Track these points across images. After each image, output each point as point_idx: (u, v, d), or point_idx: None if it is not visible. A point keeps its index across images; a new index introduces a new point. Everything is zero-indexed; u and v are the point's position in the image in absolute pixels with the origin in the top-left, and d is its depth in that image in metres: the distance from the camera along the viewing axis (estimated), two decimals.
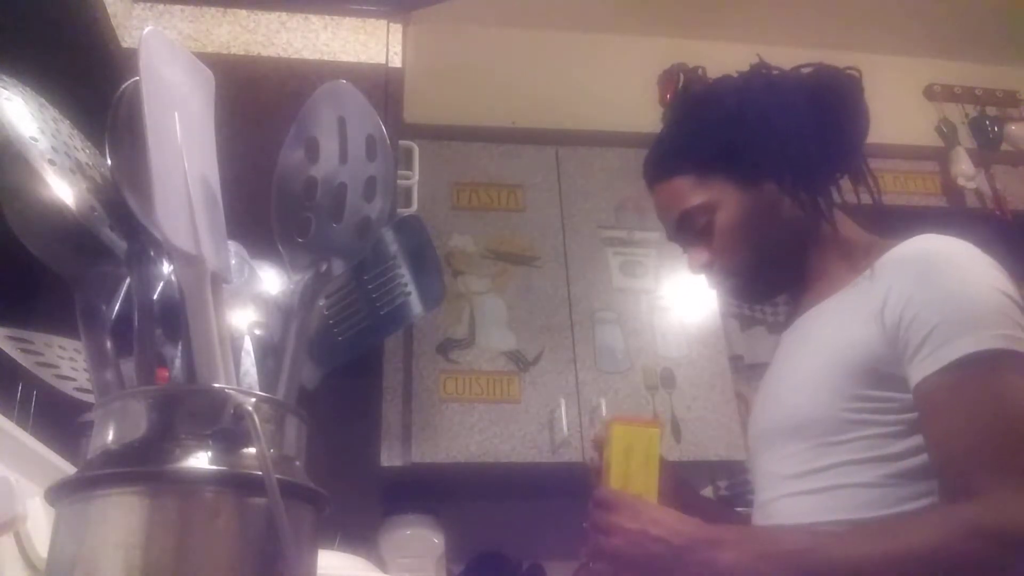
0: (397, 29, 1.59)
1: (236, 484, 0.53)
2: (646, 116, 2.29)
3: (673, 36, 2.76)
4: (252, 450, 0.54)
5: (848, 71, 1.04)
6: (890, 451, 0.88)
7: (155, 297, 0.64)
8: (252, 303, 0.71)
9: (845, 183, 1.04)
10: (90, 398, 0.79)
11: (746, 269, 1.05)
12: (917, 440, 0.87)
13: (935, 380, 0.84)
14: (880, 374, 0.89)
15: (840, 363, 0.92)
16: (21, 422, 1.03)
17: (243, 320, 0.69)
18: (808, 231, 1.04)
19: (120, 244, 0.63)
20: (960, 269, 0.89)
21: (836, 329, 0.96)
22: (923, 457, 0.87)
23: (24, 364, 0.82)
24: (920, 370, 0.85)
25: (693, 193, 1.05)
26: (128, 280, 0.64)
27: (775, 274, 1.06)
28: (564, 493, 1.53)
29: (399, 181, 1.89)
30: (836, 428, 0.91)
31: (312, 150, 0.68)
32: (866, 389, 0.90)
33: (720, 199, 1.04)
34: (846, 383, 0.91)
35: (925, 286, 0.87)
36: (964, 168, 2.72)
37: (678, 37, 2.74)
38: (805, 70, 1.05)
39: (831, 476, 0.91)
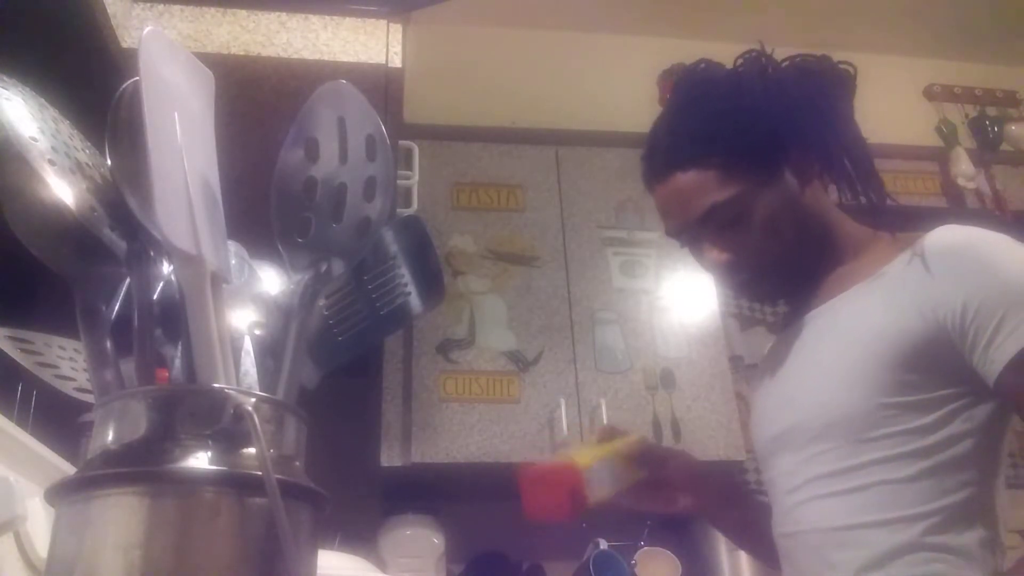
0: (397, 29, 1.59)
1: (236, 484, 0.53)
2: (646, 116, 2.27)
3: (673, 36, 2.75)
4: (252, 450, 0.54)
5: (843, 64, 1.03)
6: (925, 444, 0.87)
7: (155, 297, 0.64)
8: (252, 303, 0.71)
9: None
10: (90, 398, 0.79)
11: (779, 264, 1.00)
12: (952, 431, 0.87)
13: (1020, 360, 0.82)
14: (917, 368, 0.88)
15: (875, 355, 0.90)
16: (21, 422, 1.03)
17: (243, 320, 0.69)
18: (824, 226, 1.02)
19: (120, 244, 0.63)
20: (1007, 254, 0.88)
21: (865, 322, 0.93)
22: (959, 447, 0.87)
23: (24, 364, 0.82)
24: (1000, 355, 0.83)
25: (723, 185, 0.98)
26: (128, 280, 0.64)
27: (799, 270, 1.02)
28: None
29: (399, 181, 1.89)
30: (871, 424, 0.90)
31: (312, 150, 0.68)
32: (903, 377, 0.88)
33: (752, 191, 0.98)
34: (883, 375, 0.89)
35: (981, 275, 0.86)
36: (964, 168, 2.72)
37: (678, 37, 2.74)
38: (806, 59, 1.02)
39: (866, 474, 0.90)
